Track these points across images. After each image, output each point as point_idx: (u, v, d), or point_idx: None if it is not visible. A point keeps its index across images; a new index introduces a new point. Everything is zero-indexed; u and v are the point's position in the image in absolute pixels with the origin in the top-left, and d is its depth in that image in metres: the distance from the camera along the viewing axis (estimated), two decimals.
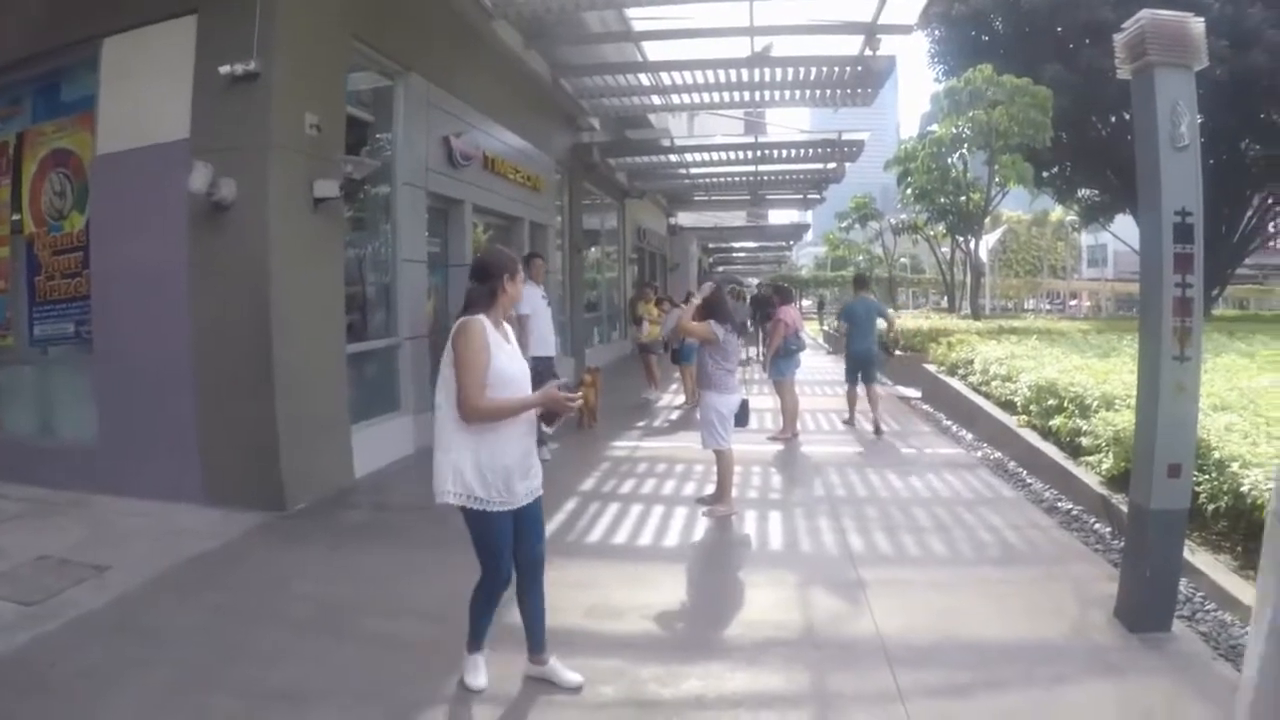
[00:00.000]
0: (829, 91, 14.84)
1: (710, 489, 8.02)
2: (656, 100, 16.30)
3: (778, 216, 41.86)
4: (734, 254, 55.40)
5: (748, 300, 25.55)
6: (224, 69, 7.31)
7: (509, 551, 4.13)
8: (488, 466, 3.95)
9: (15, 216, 9.00)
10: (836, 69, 13.59)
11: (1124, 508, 6.18)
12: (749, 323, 21.66)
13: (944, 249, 39.71)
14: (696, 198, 29.37)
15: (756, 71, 13.79)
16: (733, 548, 6.95)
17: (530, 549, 4.24)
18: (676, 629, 5.21)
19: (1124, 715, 4.11)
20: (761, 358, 19.34)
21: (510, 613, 4.48)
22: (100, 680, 4.40)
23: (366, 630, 5.15)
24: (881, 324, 12.61)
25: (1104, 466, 7.49)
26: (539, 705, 4.15)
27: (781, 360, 11.64)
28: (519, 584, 4.28)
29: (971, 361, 12.97)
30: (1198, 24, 4.78)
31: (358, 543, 6.84)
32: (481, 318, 4.08)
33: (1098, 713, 4.14)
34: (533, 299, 9.57)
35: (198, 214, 7.54)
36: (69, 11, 8.24)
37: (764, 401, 12.99)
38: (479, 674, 4.33)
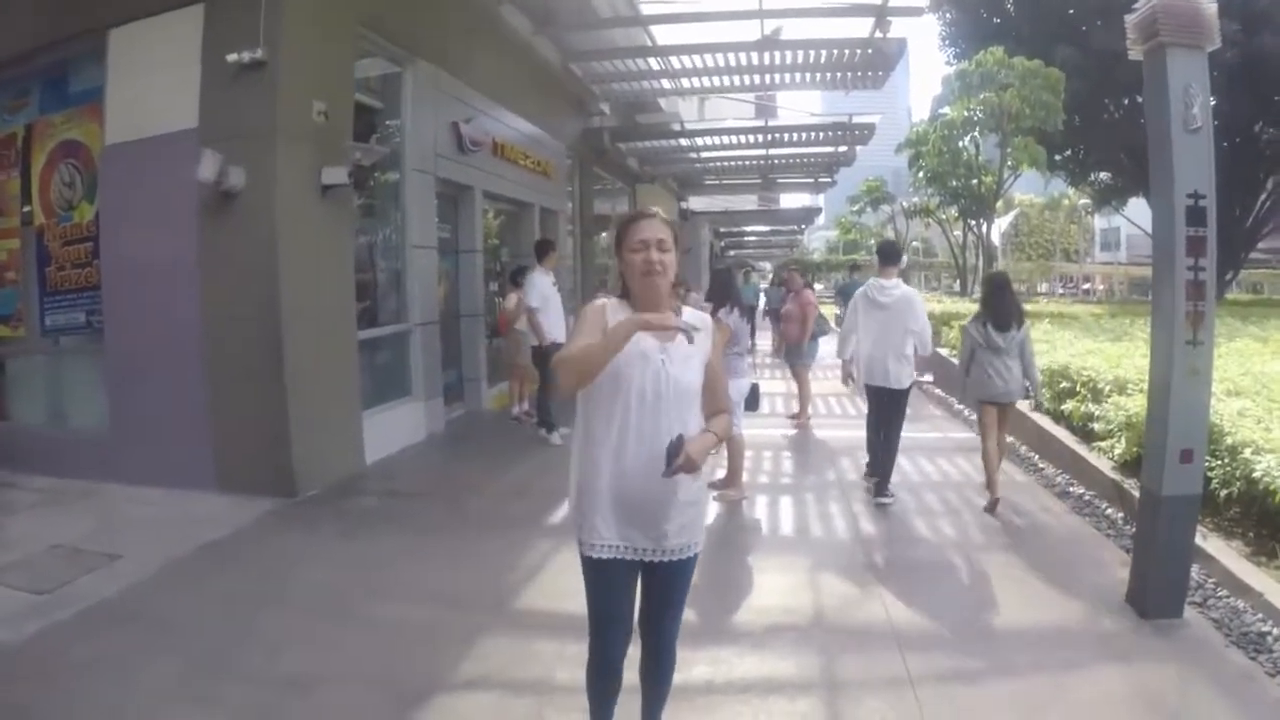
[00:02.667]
0: (840, 74, 14.72)
1: (721, 473, 8.00)
2: (666, 84, 16.21)
3: (789, 200, 41.62)
4: (746, 238, 55.14)
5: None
6: (231, 57, 7.28)
7: (615, 622, 3.18)
8: (585, 493, 3.06)
9: (25, 208, 9.01)
10: (847, 52, 13.48)
11: (1136, 493, 6.16)
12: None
13: (956, 232, 39.54)
14: (708, 182, 29.23)
15: (766, 55, 13.69)
16: (743, 532, 6.93)
17: (653, 620, 3.31)
18: (685, 614, 5.20)
19: (1135, 702, 4.09)
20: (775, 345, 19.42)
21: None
22: (112, 669, 4.41)
23: (377, 617, 5.15)
24: None
25: (1116, 451, 7.46)
26: (547, 691, 4.14)
27: (809, 344, 11.76)
28: (641, 658, 3.39)
29: None
30: (1210, 5, 4.72)
31: (368, 529, 6.85)
32: (604, 301, 3.18)
33: (1109, 699, 4.12)
34: (543, 287, 9.71)
35: (207, 203, 7.54)
36: (76, 3, 8.23)
37: (773, 385, 13.00)
38: None
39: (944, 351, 14.80)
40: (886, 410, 7.62)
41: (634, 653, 3.34)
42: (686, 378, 3.01)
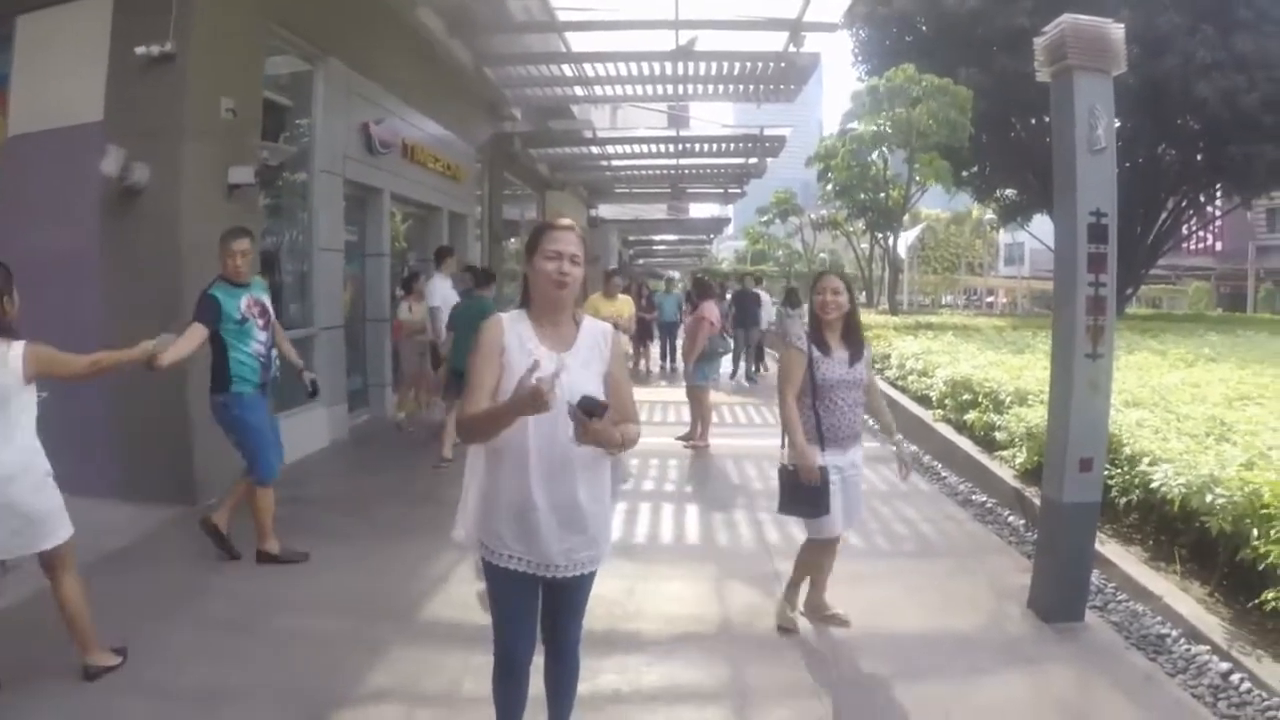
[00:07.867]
0: (753, 87, 14.92)
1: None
2: (579, 91, 16.18)
3: (699, 210, 41.90)
4: (655, 246, 55.32)
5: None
6: (140, 50, 7.08)
7: (519, 627, 3.20)
8: (488, 503, 3.06)
9: None
10: (761, 64, 13.65)
11: (1037, 501, 6.30)
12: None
13: (863, 245, 40.15)
14: (618, 190, 29.30)
15: (680, 65, 13.76)
16: (650, 540, 6.92)
17: (555, 624, 3.34)
18: (590, 623, 5.16)
19: (1039, 704, 4.18)
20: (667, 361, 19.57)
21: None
22: (10, 683, 4.20)
23: (283, 628, 5.03)
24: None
25: (1018, 461, 7.63)
26: (455, 703, 4.09)
27: (705, 363, 10.67)
28: (545, 664, 3.41)
29: (888, 356, 13.14)
30: (1117, 29, 4.87)
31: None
32: (501, 316, 3.14)
33: (1014, 702, 4.21)
34: (443, 290, 9.72)
35: (110, 199, 7.31)
36: None
37: (673, 394, 13.03)
38: None
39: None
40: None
41: (540, 663, 3.35)
42: (588, 387, 2.91)
